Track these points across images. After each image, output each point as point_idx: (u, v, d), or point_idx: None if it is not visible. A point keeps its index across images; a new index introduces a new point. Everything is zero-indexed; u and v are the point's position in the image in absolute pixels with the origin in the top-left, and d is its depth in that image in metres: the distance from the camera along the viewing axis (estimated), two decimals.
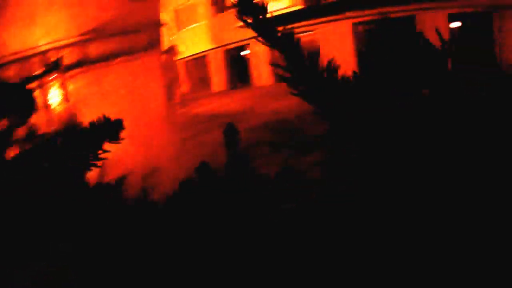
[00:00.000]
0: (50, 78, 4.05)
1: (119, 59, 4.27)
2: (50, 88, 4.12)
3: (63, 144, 1.13)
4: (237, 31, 16.75)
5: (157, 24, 5.11)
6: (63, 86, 4.15)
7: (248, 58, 20.67)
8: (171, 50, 16.18)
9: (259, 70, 19.80)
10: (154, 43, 4.85)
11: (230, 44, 20.73)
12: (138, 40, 4.48)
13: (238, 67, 21.08)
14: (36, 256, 1.08)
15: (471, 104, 0.97)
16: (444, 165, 0.93)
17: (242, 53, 20.94)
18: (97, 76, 4.31)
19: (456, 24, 15.77)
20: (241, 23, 1.25)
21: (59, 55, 4.07)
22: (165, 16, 19.40)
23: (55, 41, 4.07)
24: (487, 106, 0.97)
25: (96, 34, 4.10)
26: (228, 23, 18.80)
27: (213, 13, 21.50)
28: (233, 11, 1.29)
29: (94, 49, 4.19)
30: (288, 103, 11.67)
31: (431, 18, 15.53)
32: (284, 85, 1.26)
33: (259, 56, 19.33)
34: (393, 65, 1.09)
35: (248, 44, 19.78)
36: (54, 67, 4.01)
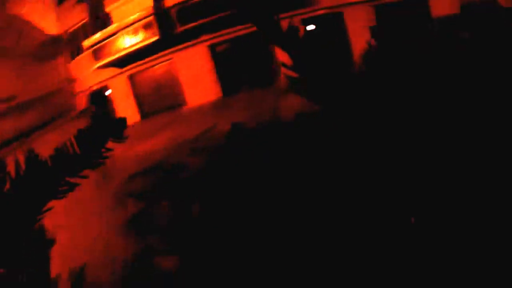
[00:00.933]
0: None
1: (35, 133, 3.76)
2: None
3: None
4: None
5: (71, 83, 4.87)
6: None
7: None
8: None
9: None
10: (69, 107, 4.87)
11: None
12: (51, 106, 4.38)
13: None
14: None
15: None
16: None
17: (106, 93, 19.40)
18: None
19: (311, 27, 17.06)
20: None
21: None
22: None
23: None
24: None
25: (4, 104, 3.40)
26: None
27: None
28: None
29: (4, 125, 3.76)
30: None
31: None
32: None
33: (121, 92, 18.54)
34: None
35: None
36: None
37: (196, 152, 10.16)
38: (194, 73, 17.71)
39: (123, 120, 1.18)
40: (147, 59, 17.90)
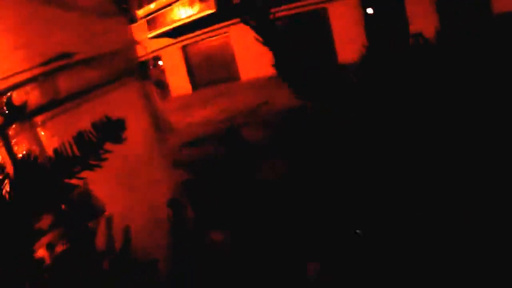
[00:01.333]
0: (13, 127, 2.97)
1: (94, 92, 3.27)
2: (15, 139, 3.05)
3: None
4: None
5: (133, 45, 4.14)
6: (32, 135, 3.07)
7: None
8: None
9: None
10: (132, 68, 3.86)
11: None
12: (114, 66, 3.54)
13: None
14: None
15: None
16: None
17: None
18: (72, 118, 3.17)
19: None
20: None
21: (21, 96, 2.99)
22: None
23: (12, 75, 2.95)
24: None
25: (64, 61, 3.11)
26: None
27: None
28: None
29: (64, 82, 3.14)
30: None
31: None
32: None
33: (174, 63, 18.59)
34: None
35: None
36: (16, 113, 2.95)
37: (250, 125, 10.10)
38: (250, 47, 17.54)
39: (121, 122, 1.17)
40: (201, 31, 17.86)
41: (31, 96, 2.84)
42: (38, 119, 3.10)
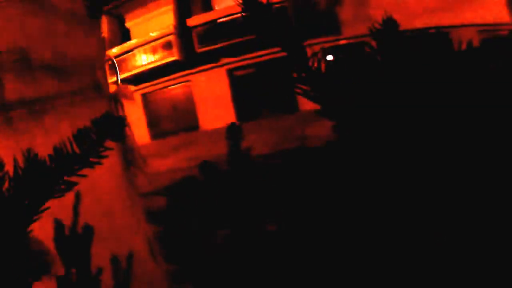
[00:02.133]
0: None
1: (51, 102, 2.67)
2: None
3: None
4: None
5: (101, 63, 3.41)
6: None
7: None
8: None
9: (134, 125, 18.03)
10: (99, 84, 3.21)
11: None
12: (78, 81, 2.93)
13: None
14: None
15: None
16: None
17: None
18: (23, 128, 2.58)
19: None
20: None
21: None
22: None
23: None
24: None
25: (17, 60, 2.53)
26: None
27: None
28: None
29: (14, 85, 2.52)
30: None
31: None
32: None
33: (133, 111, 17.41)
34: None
35: None
36: None
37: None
38: (211, 96, 17.50)
39: (122, 119, 1.15)
40: (162, 79, 17.71)
41: None
42: None
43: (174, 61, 16.53)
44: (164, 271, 3.29)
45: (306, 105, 16.18)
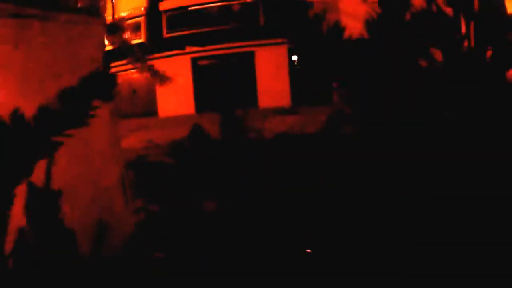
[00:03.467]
0: None
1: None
2: None
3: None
4: None
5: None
6: None
7: None
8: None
9: None
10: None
11: None
12: None
13: None
14: None
15: None
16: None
17: None
18: None
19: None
20: None
21: None
22: None
23: None
24: None
25: None
26: None
27: None
28: None
29: None
30: None
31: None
32: None
33: None
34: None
35: None
36: None
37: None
38: (172, 84, 17.36)
39: (112, 77, 1.11)
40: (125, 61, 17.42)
41: None
42: None
43: (140, 44, 16.34)
44: (133, 210, 3.32)
45: (265, 102, 16.49)
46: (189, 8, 15.99)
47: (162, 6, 16.06)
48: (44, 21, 2.30)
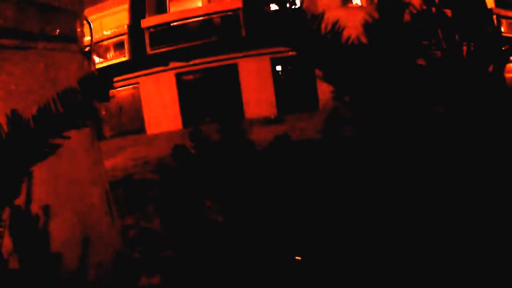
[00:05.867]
0: None
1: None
2: None
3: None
4: None
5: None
6: None
7: None
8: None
9: None
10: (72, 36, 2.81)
11: None
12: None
13: None
14: None
15: None
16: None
17: None
18: None
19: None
20: None
21: None
22: None
23: None
24: None
25: None
26: None
27: None
28: None
29: None
30: None
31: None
32: None
33: None
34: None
35: None
36: None
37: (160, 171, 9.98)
38: (158, 100, 17.42)
39: (109, 79, 1.11)
40: (115, 79, 17.46)
41: None
42: None
43: (125, 62, 16.44)
44: (118, 228, 3.33)
45: (251, 113, 16.60)
46: (171, 24, 16.11)
47: (144, 23, 16.17)
48: (24, 50, 2.38)
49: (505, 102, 0.97)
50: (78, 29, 2.92)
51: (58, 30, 2.66)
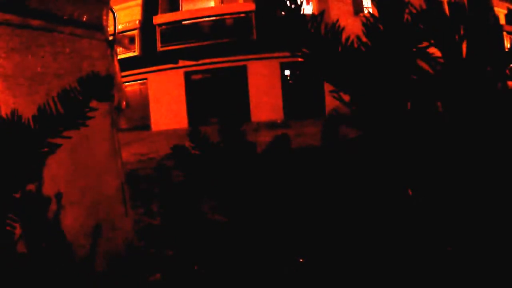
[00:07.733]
0: None
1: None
2: None
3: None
4: None
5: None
6: None
7: None
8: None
9: None
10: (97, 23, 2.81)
11: None
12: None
13: None
14: None
15: None
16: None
17: None
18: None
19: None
20: None
21: None
22: None
23: None
24: None
25: None
26: None
27: None
28: None
29: None
30: None
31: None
32: None
33: None
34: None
35: None
36: None
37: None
38: (166, 98, 17.44)
39: (109, 79, 1.07)
40: (123, 74, 17.52)
41: None
42: None
43: (134, 57, 16.47)
44: (132, 221, 3.33)
45: (257, 116, 16.60)
46: (183, 23, 16.14)
47: (156, 20, 16.20)
48: (51, 32, 2.37)
49: (505, 102, 0.97)
50: (104, 17, 2.90)
51: (85, 16, 2.65)
